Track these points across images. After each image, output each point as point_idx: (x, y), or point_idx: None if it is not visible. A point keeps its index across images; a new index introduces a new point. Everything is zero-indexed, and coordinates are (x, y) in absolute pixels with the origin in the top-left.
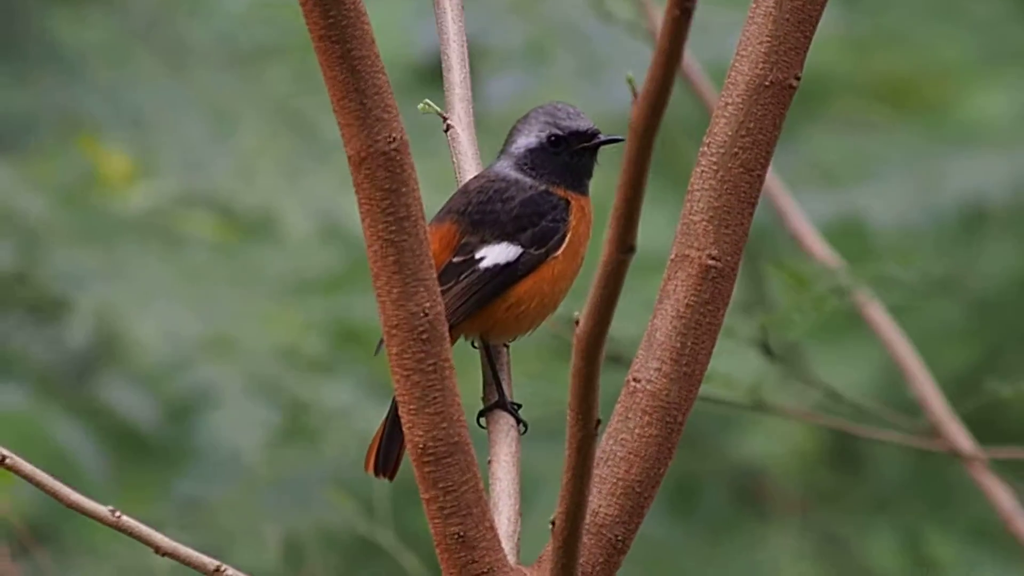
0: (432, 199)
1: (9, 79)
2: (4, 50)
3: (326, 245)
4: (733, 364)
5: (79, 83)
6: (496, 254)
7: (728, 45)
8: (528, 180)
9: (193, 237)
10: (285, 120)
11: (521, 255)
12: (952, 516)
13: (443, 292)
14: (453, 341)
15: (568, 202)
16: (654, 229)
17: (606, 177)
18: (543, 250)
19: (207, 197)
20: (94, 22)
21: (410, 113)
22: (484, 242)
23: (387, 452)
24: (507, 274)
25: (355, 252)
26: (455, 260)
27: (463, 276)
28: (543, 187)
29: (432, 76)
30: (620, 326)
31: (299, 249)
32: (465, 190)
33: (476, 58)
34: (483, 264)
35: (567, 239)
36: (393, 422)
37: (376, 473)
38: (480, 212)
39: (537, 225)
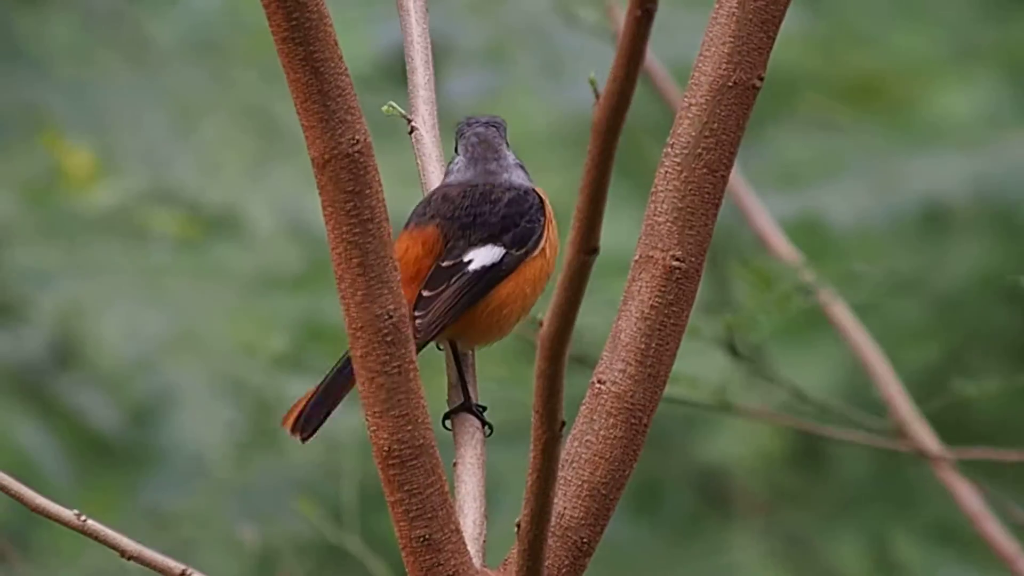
0: (396, 200)
1: None
2: None
3: (291, 243)
4: (698, 365)
5: (42, 80)
6: (482, 256)
7: (691, 46)
8: (513, 181)
9: (157, 234)
10: (249, 118)
11: (504, 256)
12: (917, 517)
13: (434, 296)
14: (423, 346)
15: (542, 200)
16: (618, 230)
17: (569, 178)
18: (523, 251)
19: (171, 194)
20: (57, 19)
21: (374, 113)
22: (471, 245)
23: (311, 413)
24: (492, 275)
25: (320, 251)
26: (444, 264)
27: (454, 279)
28: (526, 186)
29: (395, 74)
30: (586, 326)
31: (264, 247)
32: (446, 196)
33: (439, 57)
34: (471, 267)
35: (544, 238)
36: (327, 388)
37: (292, 431)
38: (470, 215)
39: (518, 225)
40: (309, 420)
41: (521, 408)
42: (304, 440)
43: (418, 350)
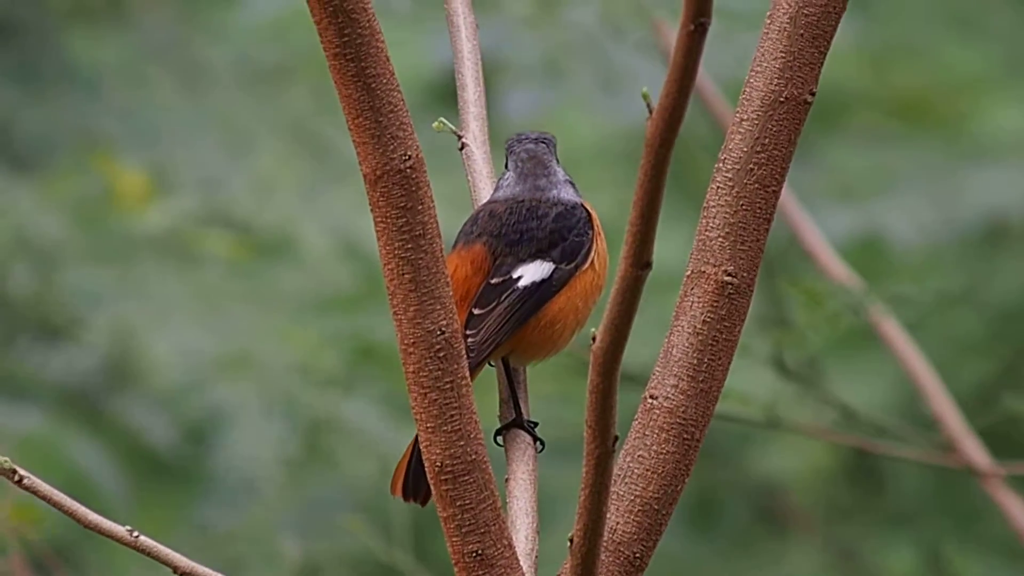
0: (448, 218)
1: (26, 99)
2: (21, 70)
3: (344, 264)
4: (750, 381)
5: (95, 103)
6: (532, 272)
7: (743, 63)
8: (561, 196)
9: (209, 256)
10: (301, 140)
11: (554, 271)
12: (974, 533)
13: (485, 314)
14: (477, 365)
15: (589, 214)
16: (670, 247)
17: (619, 195)
18: (572, 264)
19: (224, 216)
20: (110, 42)
21: (425, 132)
22: (520, 261)
23: (417, 475)
24: (543, 291)
25: (372, 271)
26: (493, 281)
27: (504, 296)
28: (573, 201)
29: (446, 95)
30: (634, 347)
31: (316, 268)
32: (492, 213)
33: (492, 73)
34: (521, 283)
35: (593, 252)
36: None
37: (405, 498)
38: (517, 231)
39: (567, 239)
40: (417, 483)
41: (572, 425)
42: (423, 504)
43: (472, 369)
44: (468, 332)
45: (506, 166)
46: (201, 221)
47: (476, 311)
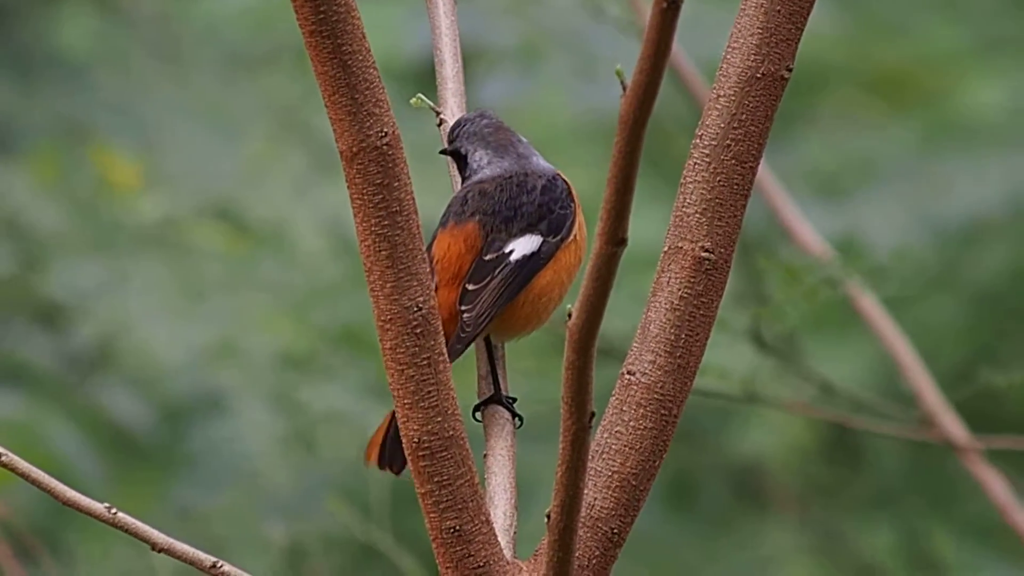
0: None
1: (13, 86)
2: (8, 59)
3: (335, 255)
4: (728, 357)
5: (83, 92)
6: (522, 246)
7: (718, 42)
8: (541, 165)
9: (201, 247)
10: (289, 129)
11: (542, 244)
12: (952, 510)
13: (480, 289)
14: (472, 339)
15: (569, 187)
16: (646, 226)
17: (596, 171)
18: (558, 237)
19: (215, 207)
20: (96, 30)
21: (404, 114)
22: (512, 236)
23: (393, 444)
24: (532, 264)
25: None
26: (487, 257)
27: (497, 271)
28: (551, 171)
29: (424, 79)
30: (613, 322)
31: (307, 258)
32: (482, 192)
33: (470, 60)
34: (512, 257)
35: (575, 224)
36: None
37: (381, 466)
38: (511, 208)
39: (553, 212)
40: (394, 458)
41: (551, 401)
42: (398, 473)
43: (467, 344)
44: (463, 307)
45: (462, 151)
46: (193, 212)
47: (470, 286)
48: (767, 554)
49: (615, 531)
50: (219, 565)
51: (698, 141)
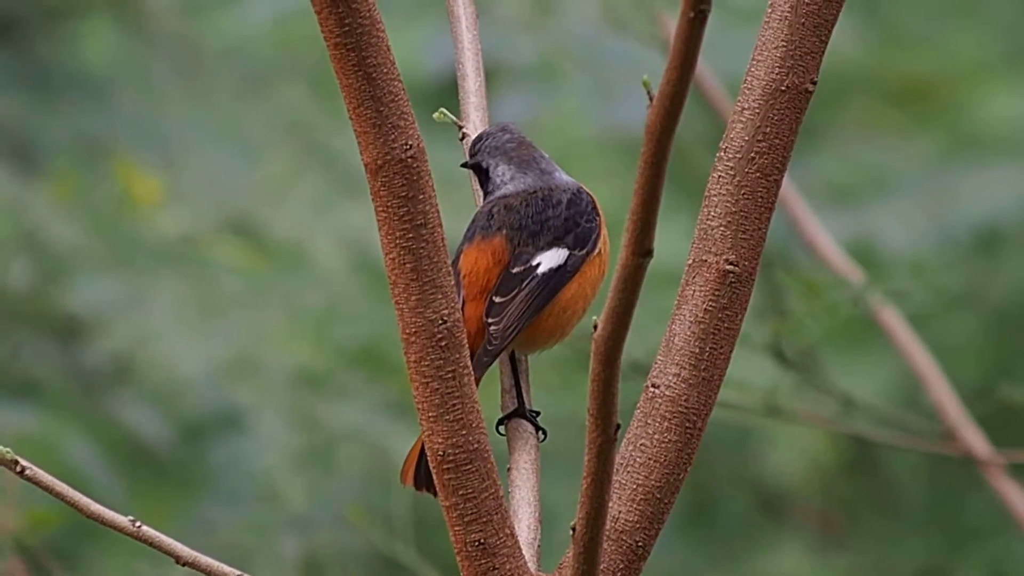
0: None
1: (35, 103)
2: (30, 75)
3: (353, 274)
4: (749, 371)
5: (104, 108)
6: (549, 259)
7: (740, 59)
8: (564, 180)
9: (220, 263)
10: (309, 148)
11: (568, 257)
12: (975, 527)
13: (507, 302)
14: (499, 352)
15: (593, 201)
16: (669, 240)
17: (621, 183)
18: (584, 251)
19: (235, 223)
20: (117, 47)
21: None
22: (539, 249)
23: (428, 470)
24: (559, 277)
25: (384, 280)
26: (514, 271)
27: (525, 284)
28: (575, 184)
29: (445, 95)
30: (635, 339)
31: (326, 276)
32: (508, 206)
33: (492, 76)
34: (540, 270)
35: (600, 237)
36: None
37: (417, 487)
38: (537, 222)
39: (579, 226)
40: (430, 477)
41: (573, 415)
42: (436, 495)
43: (494, 357)
44: (490, 320)
45: (484, 165)
46: (214, 228)
47: (497, 299)
48: (787, 570)
49: (640, 544)
50: None
51: (722, 154)
